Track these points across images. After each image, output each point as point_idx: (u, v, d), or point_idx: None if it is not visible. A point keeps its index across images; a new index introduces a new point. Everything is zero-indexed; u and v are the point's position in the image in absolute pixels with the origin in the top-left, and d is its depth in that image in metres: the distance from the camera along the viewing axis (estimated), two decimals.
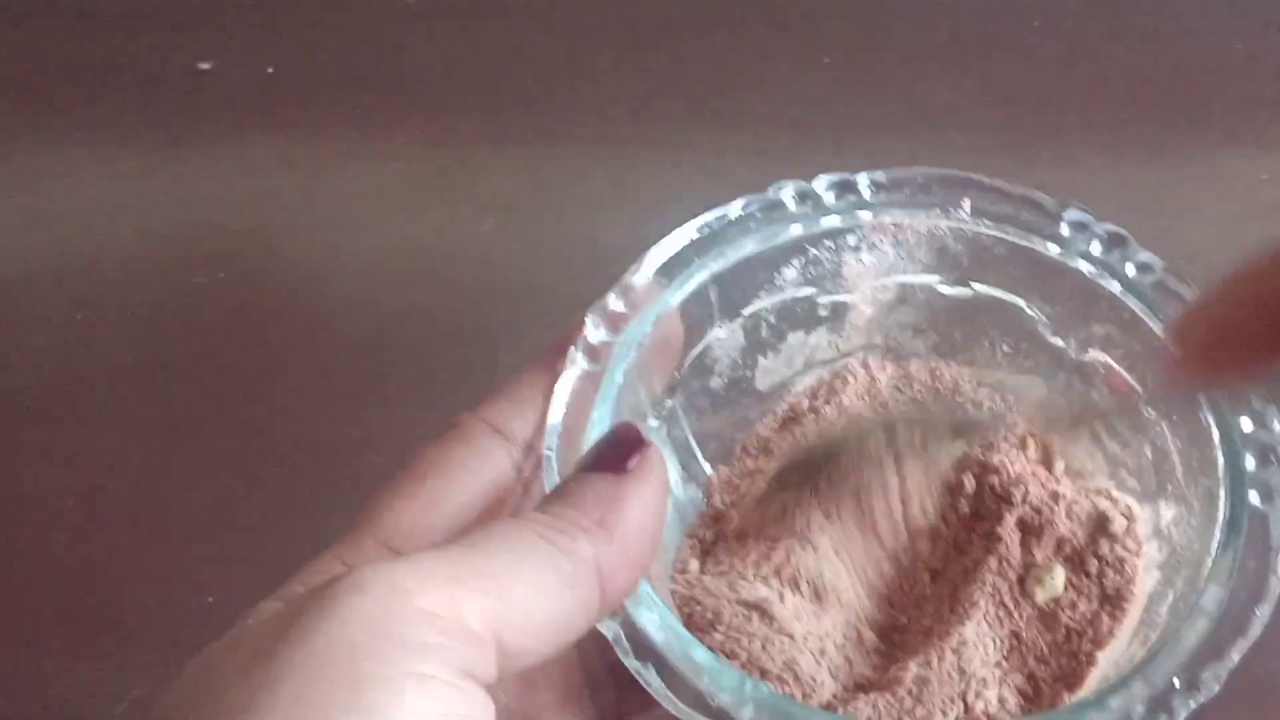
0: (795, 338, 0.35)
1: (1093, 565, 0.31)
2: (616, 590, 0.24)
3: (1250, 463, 0.28)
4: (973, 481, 0.32)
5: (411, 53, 0.72)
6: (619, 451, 0.25)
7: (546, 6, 0.75)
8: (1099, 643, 0.30)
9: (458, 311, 0.59)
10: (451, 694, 0.20)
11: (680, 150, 0.66)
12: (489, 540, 0.23)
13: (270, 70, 0.71)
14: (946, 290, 0.34)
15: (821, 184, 0.33)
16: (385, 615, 0.20)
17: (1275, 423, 0.29)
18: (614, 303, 0.30)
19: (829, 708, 0.29)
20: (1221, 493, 0.28)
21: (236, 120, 0.69)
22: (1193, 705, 0.25)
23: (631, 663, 0.25)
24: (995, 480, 0.32)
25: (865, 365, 0.36)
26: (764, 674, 0.28)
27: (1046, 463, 0.33)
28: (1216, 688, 0.25)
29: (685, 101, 0.70)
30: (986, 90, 0.70)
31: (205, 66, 0.71)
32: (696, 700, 0.25)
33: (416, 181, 0.65)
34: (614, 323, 0.30)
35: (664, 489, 0.25)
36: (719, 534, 0.32)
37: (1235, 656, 0.26)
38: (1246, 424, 0.29)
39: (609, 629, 0.25)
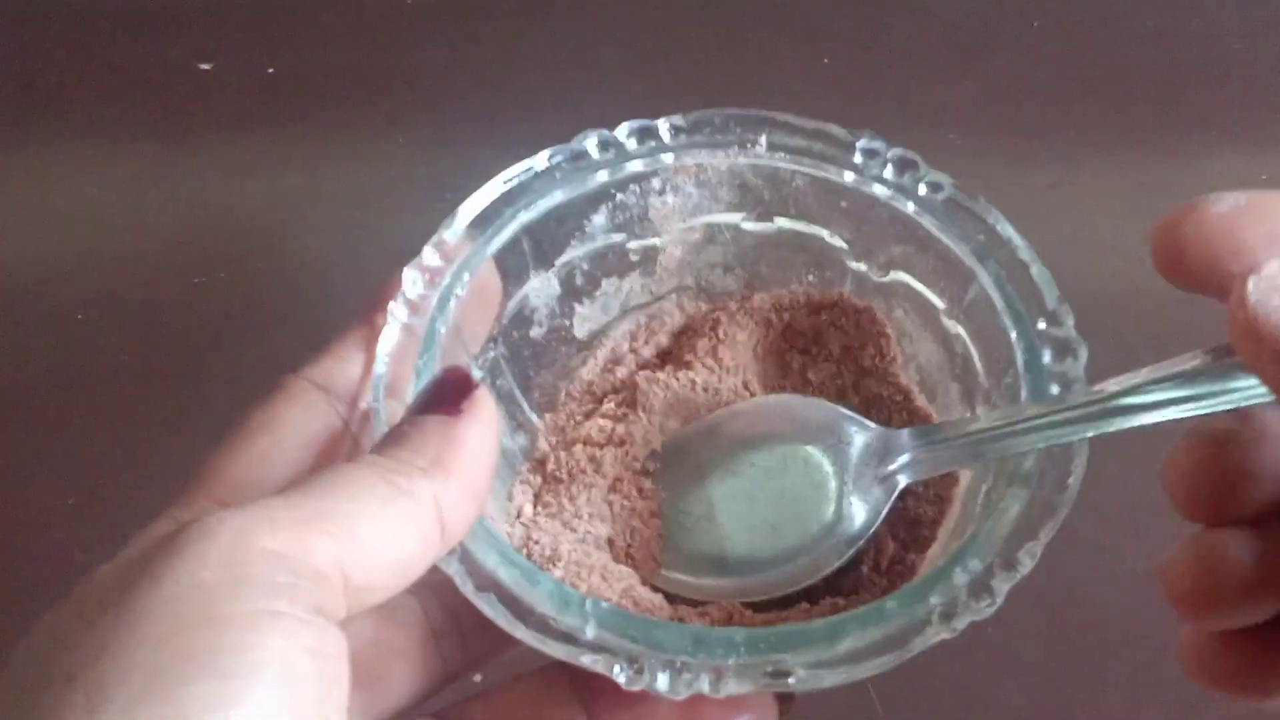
0: (609, 284, 0.36)
1: None
2: (456, 526, 0.25)
3: (1047, 357, 0.30)
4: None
5: (411, 53, 0.72)
6: (450, 393, 0.26)
7: (546, 6, 0.75)
8: (922, 545, 0.32)
9: None
10: (306, 630, 0.20)
11: None
12: (330, 483, 0.23)
13: (270, 70, 0.71)
14: (750, 226, 0.35)
15: (623, 131, 0.34)
16: (234, 557, 0.21)
17: (1067, 318, 0.30)
18: (429, 257, 0.31)
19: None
20: (1023, 387, 0.30)
21: (236, 120, 0.69)
22: (1010, 584, 0.26)
23: (474, 595, 0.26)
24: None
25: (680, 306, 0.37)
26: (604, 601, 0.28)
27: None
28: (1031, 564, 0.26)
29: (685, 101, 0.70)
30: (986, 90, 0.70)
31: (205, 66, 0.71)
32: (541, 626, 0.26)
33: (416, 181, 0.65)
34: (431, 277, 0.31)
35: (495, 427, 0.26)
36: (547, 477, 0.33)
37: (1046, 536, 0.27)
38: (1042, 324, 0.30)
39: (449, 565, 0.26)
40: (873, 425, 0.33)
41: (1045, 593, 0.50)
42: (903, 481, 0.32)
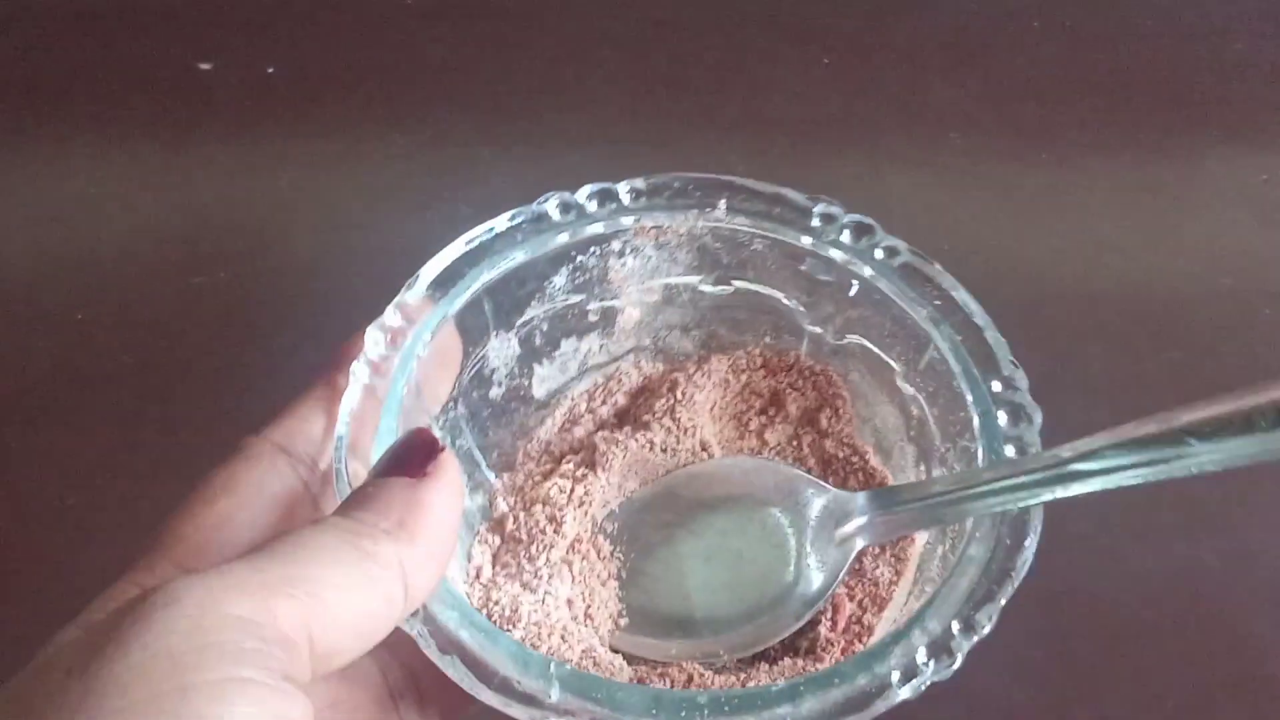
0: (568, 344, 0.36)
1: None
2: (419, 589, 0.25)
3: (1003, 420, 0.30)
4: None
5: (411, 53, 0.72)
6: (415, 455, 0.26)
7: (546, 6, 0.75)
8: (879, 605, 0.32)
9: None
10: (274, 697, 0.20)
11: (680, 150, 0.66)
12: (295, 547, 0.23)
13: (270, 70, 0.71)
14: (708, 289, 0.36)
15: (584, 194, 0.34)
16: (201, 624, 0.20)
17: (1021, 382, 0.31)
18: (391, 318, 0.31)
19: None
20: (979, 450, 0.30)
21: (236, 120, 0.69)
22: (968, 645, 0.27)
23: (437, 657, 0.26)
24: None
25: (637, 366, 0.37)
26: (566, 664, 0.28)
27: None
28: (988, 627, 0.27)
29: (685, 101, 0.70)
30: (986, 90, 0.70)
31: (205, 66, 0.71)
32: (503, 687, 0.26)
33: (416, 181, 0.65)
34: (393, 338, 0.30)
35: (459, 489, 0.26)
36: (506, 537, 0.33)
37: (1003, 599, 0.27)
38: (997, 386, 0.31)
39: (412, 627, 0.26)
40: (830, 488, 0.33)
41: (1045, 593, 0.50)
42: (860, 544, 0.32)
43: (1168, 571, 0.50)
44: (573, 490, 0.34)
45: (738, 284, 0.36)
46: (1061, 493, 0.28)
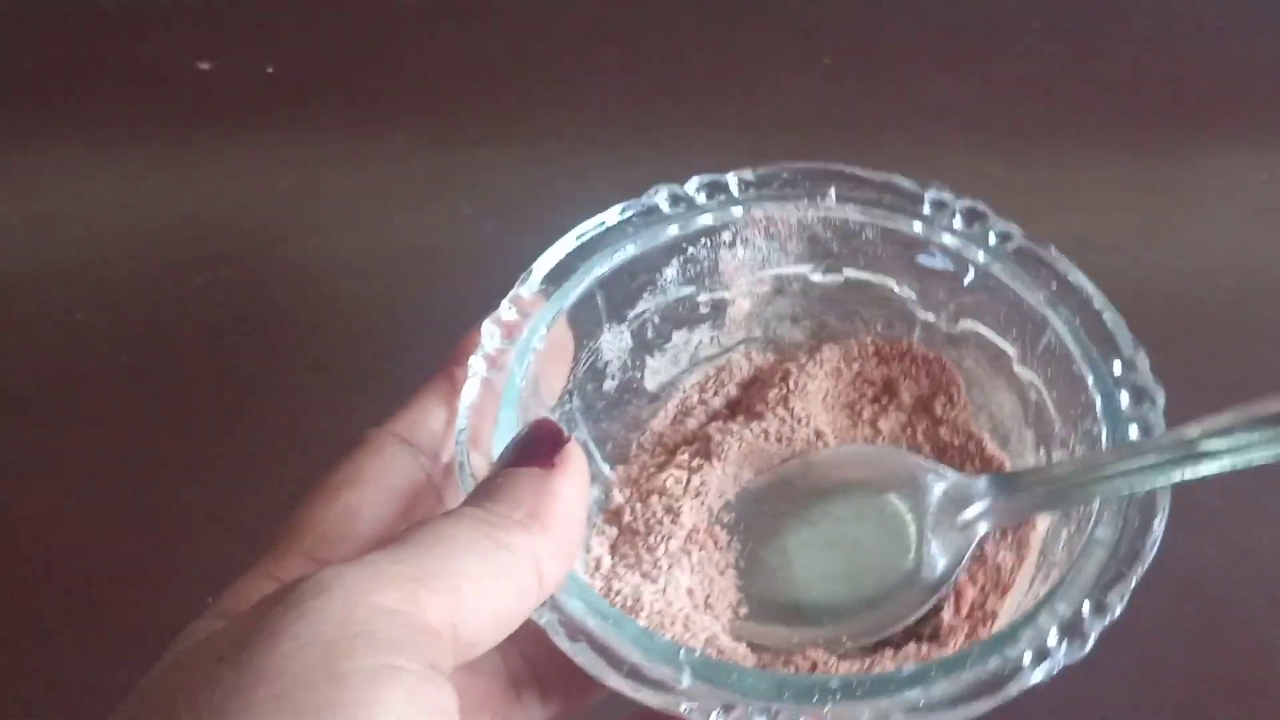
0: (679, 336, 0.36)
1: None
2: (552, 579, 0.25)
3: (1125, 401, 0.30)
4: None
5: (411, 53, 0.72)
6: (541, 446, 0.26)
7: (546, 6, 0.75)
8: (1002, 591, 0.32)
9: (458, 311, 0.59)
10: (424, 684, 0.21)
11: (680, 150, 0.66)
12: (434, 539, 0.23)
13: (270, 70, 0.71)
14: (819, 278, 0.36)
15: (693, 185, 0.34)
16: (352, 614, 0.21)
17: (1142, 363, 0.31)
18: (507, 312, 0.31)
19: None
20: (1103, 432, 0.30)
21: (236, 120, 0.69)
22: (1100, 627, 0.27)
23: (567, 645, 0.26)
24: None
25: (748, 357, 0.37)
26: (695, 650, 0.29)
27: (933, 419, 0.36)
28: (1120, 607, 0.27)
29: (685, 101, 0.70)
30: (986, 90, 0.70)
31: (205, 66, 0.71)
32: (633, 673, 0.26)
33: (416, 181, 0.65)
34: (509, 331, 0.31)
35: (586, 480, 0.26)
36: (623, 529, 0.33)
37: (1134, 579, 0.27)
38: (1118, 367, 0.31)
39: (541, 616, 0.26)
40: (951, 473, 0.33)
41: None
42: (983, 529, 0.32)
43: (1167, 569, 0.50)
44: (689, 481, 0.34)
45: (848, 273, 0.35)
46: (1190, 474, 0.28)
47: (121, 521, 0.52)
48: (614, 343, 0.35)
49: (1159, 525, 0.28)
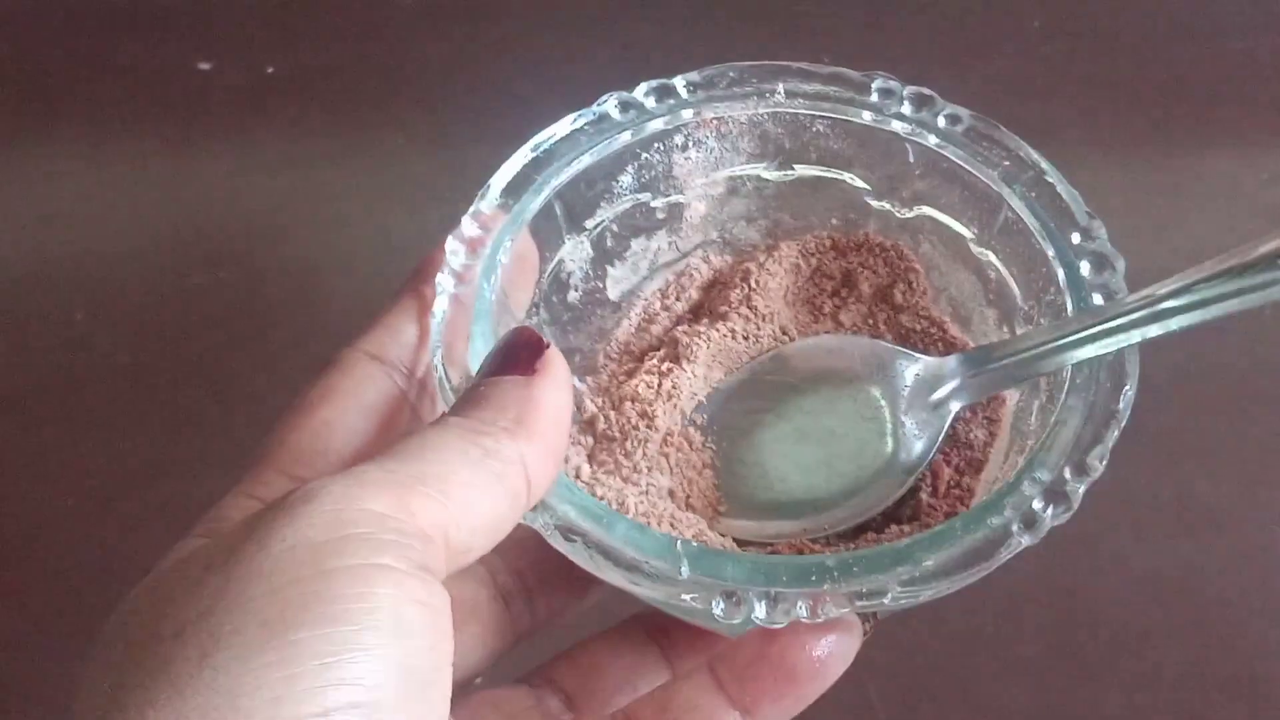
0: (638, 243, 0.36)
1: None
2: (540, 483, 0.25)
3: (1086, 270, 0.30)
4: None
5: (411, 53, 0.72)
6: (522, 353, 0.26)
7: (546, 6, 0.75)
8: (976, 468, 0.33)
9: None
10: (413, 582, 0.21)
11: None
12: (421, 447, 0.23)
13: (270, 70, 0.71)
14: (771, 176, 0.36)
15: (641, 91, 0.34)
16: (340, 518, 0.21)
17: (1100, 232, 0.31)
18: (469, 227, 0.31)
19: None
20: (1067, 301, 0.30)
21: (236, 120, 0.69)
22: (1083, 488, 0.27)
23: (563, 545, 0.26)
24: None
25: (706, 260, 0.37)
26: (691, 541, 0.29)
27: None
28: (1101, 467, 0.27)
29: None
30: (986, 90, 0.70)
31: (205, 66, 0.71)
32: (633, 568, 0.26)
33: (416, 181, 0.65)
34: (472, 246, 0.31)
35: (569, 384, 0.26)
36: (599, 437, 0.33)
37: (1112, 438, 0.27)
38: (1076, 237, 0.31)
39: (534, 521, 0.26)
40: (920, 356, 0.33)
41: (1045, 593, 0.50)
42: (955, 407, 0.32)
43: (1168, 571, 0.50)
44: (660, 385, 0.34)
45: (800, 169, 0.35)
46: (1156, 331, 0.28)
47: (121, 521, 0.52)
48: (575, 253, 0.35)
49: (1130, 387, 0.28)
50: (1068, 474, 0.27)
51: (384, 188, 0.65)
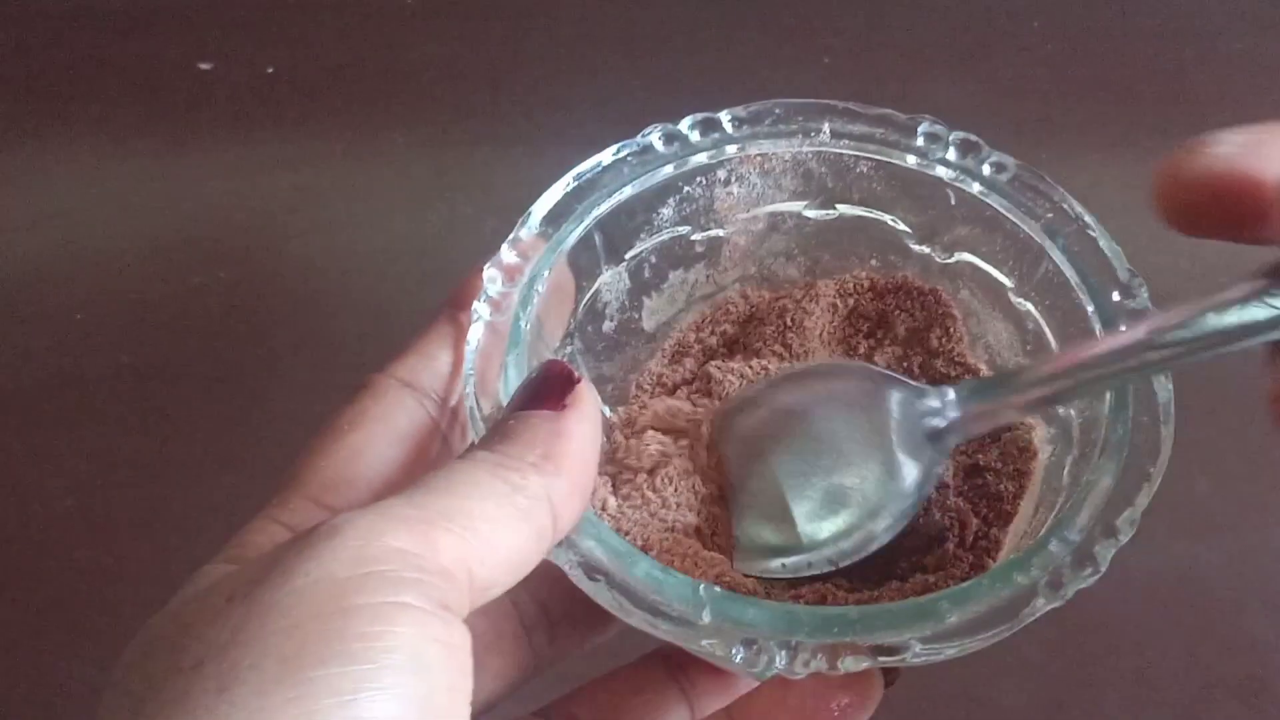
0: (676, 275, 0.36)
1: (991, 451, 0.33)
2: (566, 520, 0.25)
3: (1124, 328, 0.30)
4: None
5: (411, 53, 0.72)
6: (553, 388, 0.26)
7: (546, 6, 0.75)
8: (1004, 520, 0.32)
9: None
10: (434, 621, 0.21)
11: None
12: (448, 482, 0.23)
13: (270, 70, 0.71)
14: (813, 214, 0.36)
15: (687, 124, 0.34)
16: (363, 554, 0.21)
17: (1140, 290, 0.31)
18: (507, 255, 0.31)
19: None
20: None
21: (236, 120, 0.69)
22: (1111, 553, 0.26)
23: (586, 585, 0.26)
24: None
25: (744, 295, 0.37)
26: (715, 585, 0.29)
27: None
28: (1131, 531, 0.27)
29: (685, 101, 0.70)
30: (986, 90, 0.70)
31: (205, 66, 0.71)
32: (654, 610, 0.26)
33: (416, 181, 0.65)
34: (510, 274, 0.31)
35: (599, 421, 0.26)
36: (624, 469, 0.33)
37: (1143, 502, 0.27)
38: (1116, 295, 0.31)
39: (559, 557, 0.26)
40: (918, 385, 0.32)
41: None
42: (954, 440, 0.31)
43: (1168, 571, 0.50)
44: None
45: (842, 208, 0.35)
46: (1167, 364, 0.27)
47: (121, 521, 0.52)
48: (612, 284, 0.35)
49: (1166, 448, 0.28)
50: (1096, 536, 0.27)
51: (384, 188, 0.65)
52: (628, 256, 0.34)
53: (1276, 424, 0.26)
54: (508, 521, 0.23)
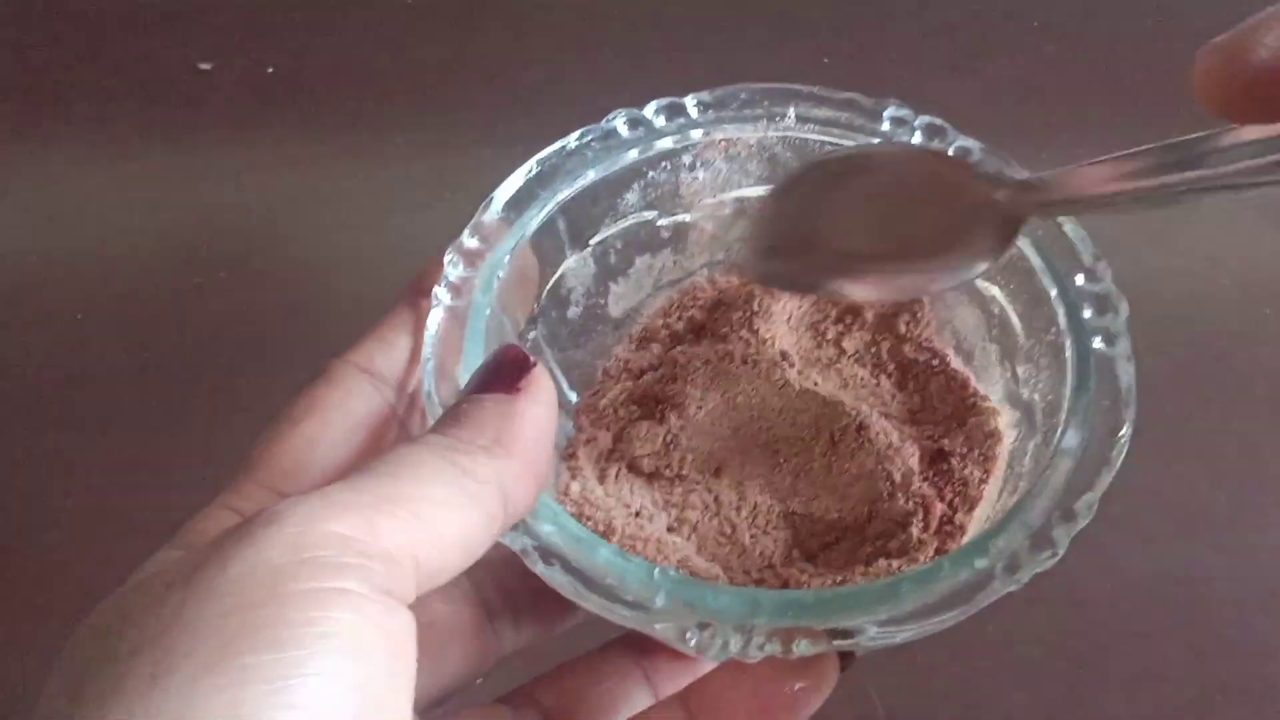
0: (642, 261, 0.36)
1: (958, 436, 0.33)
2: (518, 504, 0.25)
3: (1088, 312, 0.30)
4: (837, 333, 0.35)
5: (411, 53, 0.72)
6: (507, 371, 0.26)
7: (546, 6, 0.75)
8: (970, 505, 0.32)
9: None
10: (373, 606, 0.20)
11: None
12: (394, 466, 0.23)
13: (270, 70, 0.71)
14: None
15: (651, 109, 0.34)
16: (302, 540, 0.21)
17: (1104, 274, 0.31)
18: (469, 240, 0.31)
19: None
20: (1067, 343, 0.30)
21: (236, 120, 0.69)
22: (1069, 536, 0.26)
23: (541, 568, 0.26)
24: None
25: (711, 281, 0.37)
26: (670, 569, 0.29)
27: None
28: (1090, 515, 0.27)
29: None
30: (986, 90, 0.70)
31: (205, 66, 0.71)
32: (609, 594, 0.26)
33: (416, 181, 0.65)
34: (471, 259, 0.30)
35: (554, 404, 0.26)
36: (587, 455, 0.33)
37: (1103, 485, 0.27)
38: (1080, 279, 0.31)
39: (514, 541, 0.26)
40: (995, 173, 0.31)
41: (1045, 593, 0.50)
42: (1020, 225, 0.29)
43: (1167, 572, 0.50)
44: (657, 411, 0.34)
45: None
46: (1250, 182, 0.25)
47: (122, 521, 0.52)
48: (578, 269, 0.34)
49: (1126, 431, 0.28)
50: (1055, 519, 0.27)
51: (384, 188, 0.65)
52: (592, 242, 0.34)
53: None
54: (455, 505, 0.23)
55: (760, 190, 0.35)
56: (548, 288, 0.34)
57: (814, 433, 0.33)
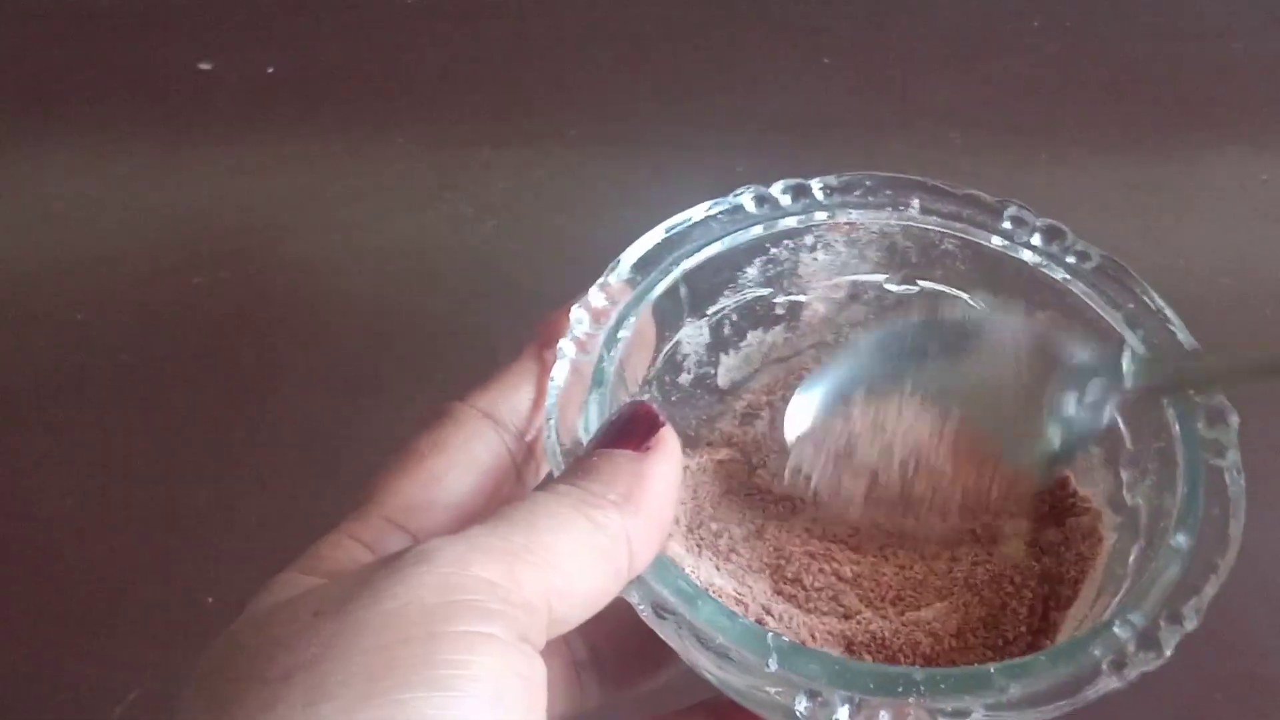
0: (754, 336, 0.36)
1: (1055, 535, 0.34)
2: (641, 560, 0.25)
3: (1200, 423, 0.31)
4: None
5: (411, 53, 0.72)
6: (638, 428, 0.26)
7: (546, 6, 0.75)
8: (1064, 604, 0.33)
9: (457, 311, 0.59)
10: (515, 654, 0.21)
11: (680, 150, 0.66)
12: (531, 515, 0.24)
13: (270, 70, 0.71)
14: (894, 288, 0.36)
15: (778, 188, 0.35)
16: (451, 582, 0.21)
17: (1218, 393, 0.32)
18: (596, 298, 0.32)
19: None
20: (1179, 452, 0.31)
21: (236, 120, 0.69)
22: (1177, 638, 0.27)
23: (655, 623, 0.26)
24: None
25: (818, 361, 0.37)
26: (783, 636, 0.29)
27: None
28: (1197, 620, 0.28)
29: (685, 102, 0.70)
30: (986, 90, 0.70)
31: (205, 66, 0.71)
32: (722, 653, 0.26)
33: (416, 181, 0.65)
34: (597, 317, 0.31)
35: (679, 465, 0.27)
36: (690, 523, 0.34)
37: (1210, 591, 0.28)
38: (1191, 390, 0.32)
39: (630, 594, 0.26)
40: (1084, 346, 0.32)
41: None
42: (1109, 411, 0.32)
43: None
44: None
45: (923, 284, 0.36)
46: None
47: (121, 521, 0.52)
48: (693, 337, 0.35)
49: (1236, 534, 0.29)
50: (1161, 621, 0.27)
51: (384, 188, 0.65)
52: (710, 312, 0.35)
53: None
54: (588, 558, 0.24)
55: (878, 277, 0.36)
56: (664, 351, 0.34)
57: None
